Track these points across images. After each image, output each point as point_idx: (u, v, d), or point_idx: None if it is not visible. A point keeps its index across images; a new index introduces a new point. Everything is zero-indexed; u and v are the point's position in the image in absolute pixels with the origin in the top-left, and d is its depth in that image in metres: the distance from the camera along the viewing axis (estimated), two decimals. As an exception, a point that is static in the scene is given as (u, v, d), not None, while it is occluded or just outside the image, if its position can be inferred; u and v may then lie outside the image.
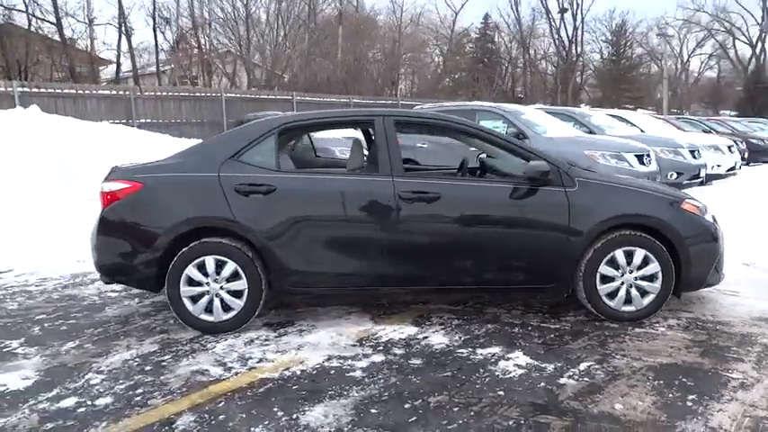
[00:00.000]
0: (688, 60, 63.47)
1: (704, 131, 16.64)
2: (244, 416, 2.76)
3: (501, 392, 2.93)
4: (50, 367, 3.38)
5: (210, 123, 15.21)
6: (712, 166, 11.32)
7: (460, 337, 3.69)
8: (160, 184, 3.83)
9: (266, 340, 3.72)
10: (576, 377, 3.09)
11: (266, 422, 2.70)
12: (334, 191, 3.82)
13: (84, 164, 8.65)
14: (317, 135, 6.64)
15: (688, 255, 3.84)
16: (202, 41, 26.08)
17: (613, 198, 3.86)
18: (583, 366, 3.22)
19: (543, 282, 3.89)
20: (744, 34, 56.35)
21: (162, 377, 3.21)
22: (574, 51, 45.43)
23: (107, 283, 4.22)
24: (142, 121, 13.76)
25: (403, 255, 3.81)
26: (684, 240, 3.83)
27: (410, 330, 3.82)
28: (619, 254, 3.82)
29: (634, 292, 3.86)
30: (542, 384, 3.01)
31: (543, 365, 3.24)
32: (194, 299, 3.79)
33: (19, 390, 3.10)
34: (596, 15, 63.31)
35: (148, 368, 3.34)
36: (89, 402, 2.94)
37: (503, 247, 3.84)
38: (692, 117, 22.93)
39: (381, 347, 3.55)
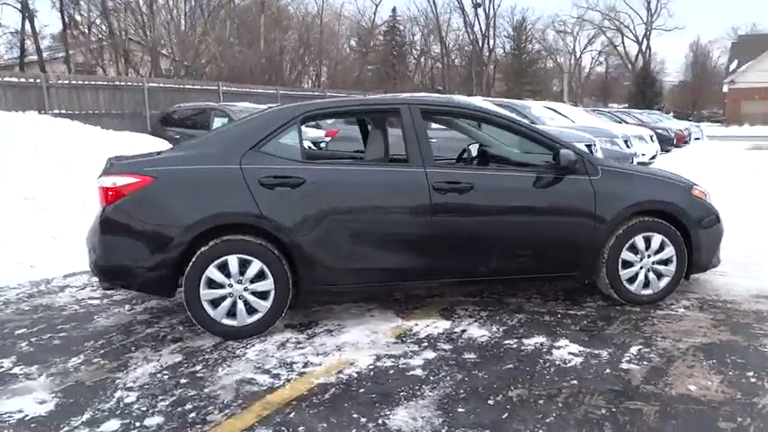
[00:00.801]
0: (581, 56, 67.58)
1: (615, 122, 17.69)
2: (325, 425, 2.57)
3: (575, 381, 2.92)
4: (66, 387, 2.99)
5: (132, 115, 14.20)
6: (639, 155, 12.06)
7: (498, 329, 3.65)
8: (174, 177, 3.48)
9: (298, 343, 3.50)
10: (635, 362, 3.14)
11: (354, 431, 2.52)
12: (366, 182, 3.65)
13: (10, 159, 7.76)
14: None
15: (699, 239, 4.02)
16: (114, 26, 24.33)
17: (634, 185, 3.97)
18: (634, 350, 3.29)
19: (569, 269, 3.93)
20: (631, 32, 60.68)
21: (206, 389, 2.93)
22: (486, 46, 47.02)
23: (107, 288, 3.81)
24: (56, 111, 12.58)
25: (436, 247, 3.70)
26: (697, 225, 4.01)
27: (444, 324, 3.74)
28: (639, 239, 3.94)
29: (651, 275, 4.00)
30: (608, 371, 3.03)
31: (596, 352, 3.27)
32: (215, 302, 3.49)
33: (42, 415, 2.71)
34: (499, 12, 65.77)
35: (184, 381, 3.03)
36: (137, 424, 2.62)
37: (532, 236, 3.84)
38: (604, 109, 24.35)
39: (426, 343, 3.44)
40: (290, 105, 3.93)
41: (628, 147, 10.85)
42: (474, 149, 4.79)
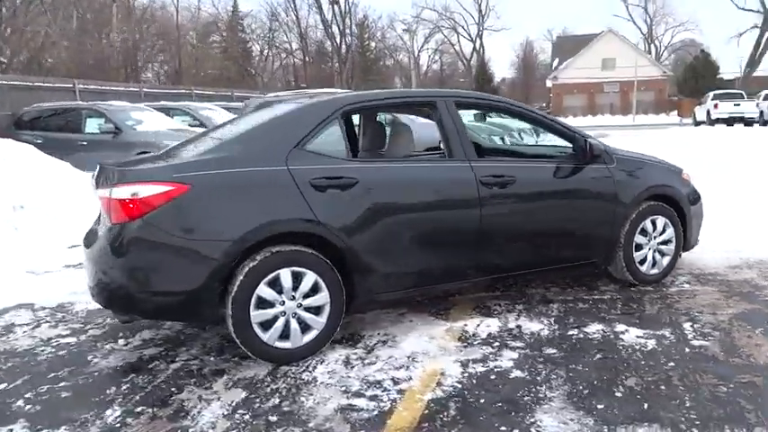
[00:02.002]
0: (419, 54, 70.91)
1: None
2: (480, 444, 2.36)
3: (672, 364, 2.99)
4: (129, 448, 2.43)
5: (-30, 116, 12.09)
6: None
7: (548, 321, 3.64)
8: (213, 183, 2.98)
9: (362, 358, 3.20)
10: (700, 338, 3.31)
11: (515, 444, 2.35)
12: (417, 180, 3.43)
13: None
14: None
15: (690, 219, 4.36)
16: None
17: (644, 172, 4.18)
18: (687, 327, 3.46)
19: (593, 256, 4.04)
20: (466, 31, 64.84)
21: (311, 424, 2.55)
22: (344, 42, 47.35)
23: (125, 321, 3.18)
24: None
25: (485, 243, 3.59)
26: (689, 206, 4.34)
27: (493, 322, 3.65)
28: (648, 223, 4.17)
29: (657, 256, 4.26)
30: (688, 350, 3.16)
31: (659, 333, 3.39)
32: (266, 324, 3.07)
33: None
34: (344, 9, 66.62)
35: (275, 418, 2.62)
36: (266, 477, 2.20)
37: (566, 225, 3.89)
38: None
39: (496, 343, 3.33)
40: (327, 98, 3.56)
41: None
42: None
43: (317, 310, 3.17)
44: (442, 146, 3.64)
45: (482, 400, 2.69)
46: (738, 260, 4.83)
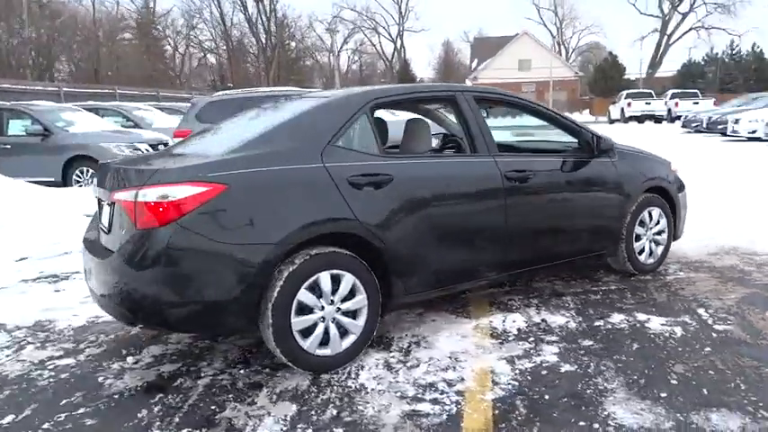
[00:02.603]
0: (339, 54, 70.89)
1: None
2: (567, 441, 2.32)
3: (708, 349, 3.09)
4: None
5: None
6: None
7: (570, 314, 3.68)
8: (253, 183, 2.77)
9: (403, 362, 3.09)
10: (721, 323, 3.44)
11: (602, 439, 2.33)
12: (449, 175, 3.35)
13: None
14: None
15: (680, 209, 4.56)
16: None
17: (642, 164, 4.32)
18: (703, 313, 3.59)
19: (602, 248, 4.13)
20: (386, 30, 65.37)
21: (382, 435, 2.42)
22: (269, 42, 46.42)
23: (154, 336, 2.89)
24: None
25: (510, 239, 3.58)
26: (678, 198, 4.53)
27: (518, 317, 3.64)
28: (645, 214, 4.31)
29: (653, 246, 4.41)
30: (715, 335, 3.27)
31: (680, 320, 3.50)
32: (306, 331, 2.90)
33: None
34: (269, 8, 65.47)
35: (340, 431, 2.46)
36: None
37: (578, 218, 3.94)
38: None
39: (531, 338, 3.32)
40: (353, 91, 3.39)
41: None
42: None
43: (354, 314, 3.04)
44: (462, 140, 3.57)
45: (546, 397, 2.66)
46: (715, 248, 5.10)
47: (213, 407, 2.70)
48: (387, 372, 2.98)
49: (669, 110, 29.96)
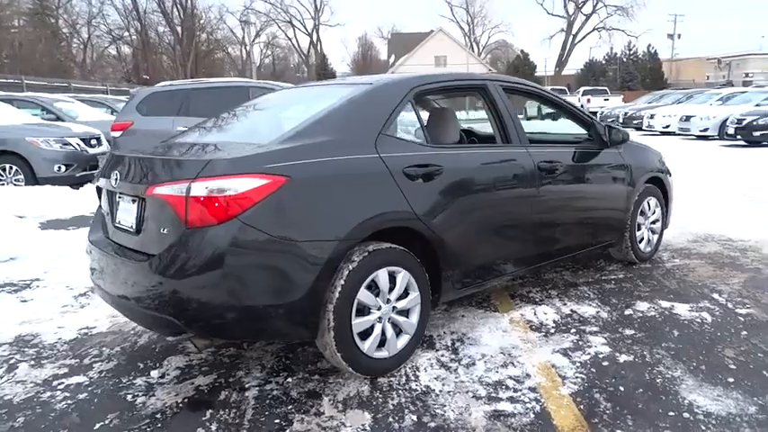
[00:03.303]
0: (251, 47, 69.20)
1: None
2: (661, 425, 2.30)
3: (744, 333, 3.19)
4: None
5: None
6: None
7: (597, 303, 3.70)
8: (314, 174, 2.54)
9: (456, 360, 2.98)
10: (741, 306, 3.58)
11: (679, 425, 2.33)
12: (493, 167, 3.26)
13: None
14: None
15: (671, 199, 4.74)
16: None
17: (642, 156, 4.42)
18: (719, 298, 3.73)
19: (612, 237, 4.19)
20: (302, 24, 64.39)
21: (477, 438, 2.30)
22: (185, 33, 44.41)
23: (201, 348, 2.59)
24: None
25: (541, 230, 3.55)
26: (671, 187, 4.70)
27: (547, 309, 3.62)
28: (645, 204, 4.43)
29: (650, 234, 4.55)
30: (742, 319, 3.39)
31: (702, 305, 3.61)
32: (364, 333, 2.72)
33: None
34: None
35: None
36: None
37: (598, 208, 3.99)
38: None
39: (573, 330, 3.30)
40: (395, 78, 3.19)
41: (91, 146, 9.54)
42: None
43: (407, 313, 2.89)
44: (494, 131, 3.49)
45: (621, 389, 2.64)
46: (692, 235, 5.36)
47: (277, 420, 2.46)
48: (445, 371, 2.85)
49: (582, 105, 31.55)
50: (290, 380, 2.81)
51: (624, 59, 56.46)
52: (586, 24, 56.03)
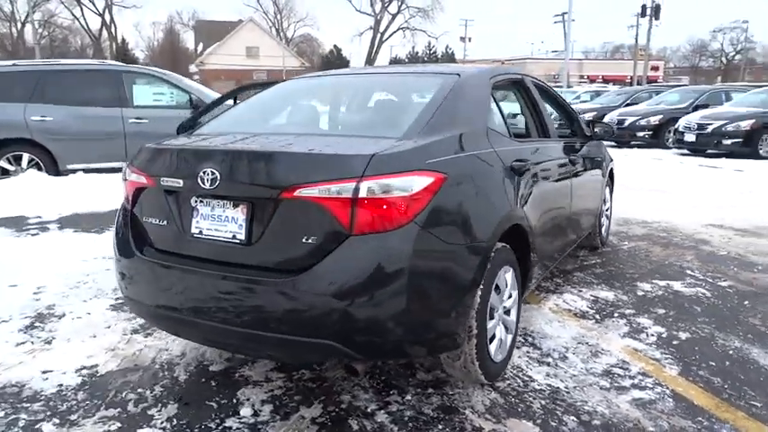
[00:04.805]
0: (22, 27, 60.67)
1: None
2: None
3: (746, 302, 3.67)
4: None
5: None
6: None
7: (606, 288, 3.96)
8: (462, 171, 2.34)
9: (545, 354, 2.98)
10: (721, 281, 4.09)
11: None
12: (554, 161, 3.32)
13: None
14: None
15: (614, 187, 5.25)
16: None
17: (603, 148, 4.80)
18: (699, 275, 4.21)
19: (591, 227, 4.49)
20: (92, 2, 57.77)
21: (650, 429, 2.33)
22: None
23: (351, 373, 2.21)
24: None
25: (572, 219, 3.69)
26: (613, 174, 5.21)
27: (571, 297, 3.78)
28: (606, 193, 4.85)
29: (606, 220, 5.00)
30: (731, 291, 3.89)
31: (690, 282, 4.06)
32: (492, 338, 2.61)
33: None
34: None
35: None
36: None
37: (595, 198, 4.25)
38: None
39: (615, 314, 3.49)
40: (472, 68, 2.99)
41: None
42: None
43: (509, 312, 2.81)
44: (532, 124, 3.52)
45: (712, 363, 2.86)
46: (614, 220, 5.96)
47: (436, 443, 2.23)
48: (548, 368, 2.84)
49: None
50: (408, 397, 2.56)
51: (425, 59, 60.56)
52: (393, 23, 58.88)
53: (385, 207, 2.04)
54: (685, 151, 12.64)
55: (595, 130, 4.27)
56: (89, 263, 4.49)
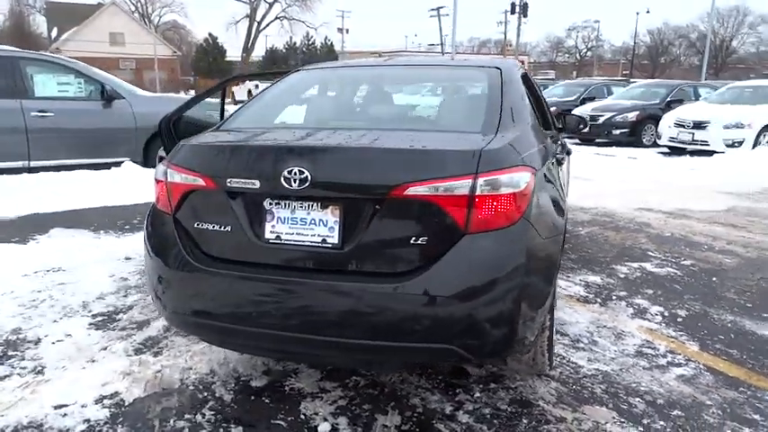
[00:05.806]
0: None
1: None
2: None
3: (715, 279, 4.04)
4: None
5: None
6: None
7: (591, 272, 4.19)
8: (540, 165, 2.34)
9: (573, 340, 3.10)
10: (683, 260, 4.47)
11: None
12: (559, 151, 3.40)
13: None
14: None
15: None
16: None
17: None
18: (661, 256, 4.58)
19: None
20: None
21: (709, 410, 2.52)
22: None
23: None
24: None
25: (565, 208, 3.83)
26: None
27: (569, 284, 3.95)
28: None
29: (563, 208, 5.28)
30: (697, 269, 4.26)
31: (658, 263, 4.40)
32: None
33: None
34: None
35: (678, 411, 2.45)
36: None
37: (567, 188, 4.43)
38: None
39: (613, 298, 3.70)
40: (502, 61, 2.96)
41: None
42: None
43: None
44: (540, 116, 3.60)
45: (722, 337, 3.14)
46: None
47: (536, 437, 2.25)
48: (584, 353, 2.95)
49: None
50: (477, 395, 2.54)
51: (304, 50, 59.89)
52: (270, 13, 57.42)
53: (498, 204, 2.00)
54: (577, 141, 13.65)
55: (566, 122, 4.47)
56: (32, 277, 3.95)
